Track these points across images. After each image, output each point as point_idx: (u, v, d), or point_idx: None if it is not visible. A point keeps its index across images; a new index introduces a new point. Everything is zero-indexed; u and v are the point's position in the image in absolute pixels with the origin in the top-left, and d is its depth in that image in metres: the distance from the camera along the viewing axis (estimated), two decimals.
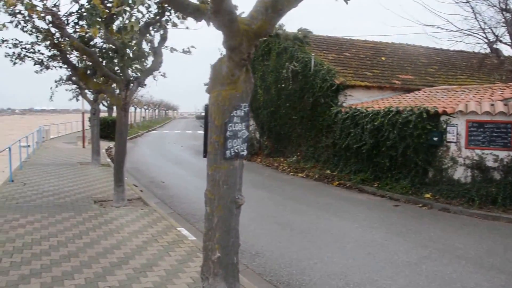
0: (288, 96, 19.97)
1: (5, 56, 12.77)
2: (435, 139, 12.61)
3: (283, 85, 20.02)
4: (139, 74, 11.27)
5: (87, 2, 9.75)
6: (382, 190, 13.50)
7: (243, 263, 7.09)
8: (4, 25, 9.98)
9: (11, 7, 9.63)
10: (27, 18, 10.37)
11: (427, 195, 12.34)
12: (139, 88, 13.04)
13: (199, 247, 7.54)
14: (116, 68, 11.29)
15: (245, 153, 4.50)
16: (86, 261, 6.79)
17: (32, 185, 13.53)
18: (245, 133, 4.48)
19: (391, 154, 13.63)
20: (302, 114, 18.93)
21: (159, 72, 12.35)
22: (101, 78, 13.44)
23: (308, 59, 18.54)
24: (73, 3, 10.08)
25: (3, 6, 9.71)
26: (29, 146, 21.95)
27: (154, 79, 13.52)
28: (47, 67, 14.80)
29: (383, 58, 21.80)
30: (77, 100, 21.99)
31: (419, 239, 8.85)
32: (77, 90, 20.78)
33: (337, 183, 15.19)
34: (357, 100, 17.31)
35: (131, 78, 10.77)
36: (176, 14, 9.91)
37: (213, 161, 4.45)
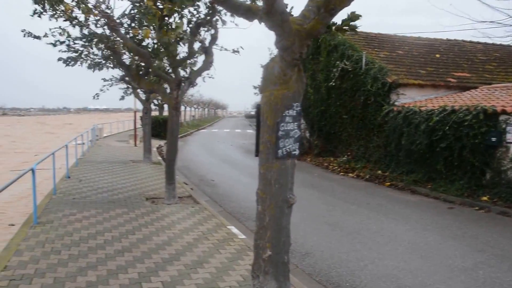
0: (338, 95, 19.79)
1: (58, 61, 13.20)
2: (494, 139, 12.13)
3: (333, 84, 19.84)
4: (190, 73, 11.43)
5: (138, 4, 10.01)
6: (436, 191, 13.15)
7: (293, 262, 7.08)
8: (64, 30, 10.34)
9: (69, 11, 9.95)
10: (82, 22, 10.67)
11: (484, 198, 11.92)
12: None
13: (249, 245, 7.59)
14: (168, 68, 11.52)
15: (297, 152, 4.49)
16: (139, 256, 6.96)
17: (87, 181, 13.97)
18: (297, 133, 4.47)
19: (445, 154, 13.27)
20: (352, 113, 18.71)
21: (208, 73, 12.51)
22: (153, 78, 13.73)
23: (359, 57, 18.31)
24: (127, 4, 10.34)
25: (61, 12, 10.02)
26: (83, 143, 22.62)
27: (204, 81, 13.70)
28: (100, 68, 15.23)
29: (437, 55, 21.22)
30: (123, 98, 22.46)
31: (475, 243, 8.55)
32: (129, 89, 21.29)
33: (388, 183, 14.94)
34: (410, 99, 16.93)
35: (182, 78, 10.93)
36: (228, 14, 9.96)
37: (265, 160, 4.46)
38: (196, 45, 11.20)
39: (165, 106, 38.46)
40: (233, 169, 18.60)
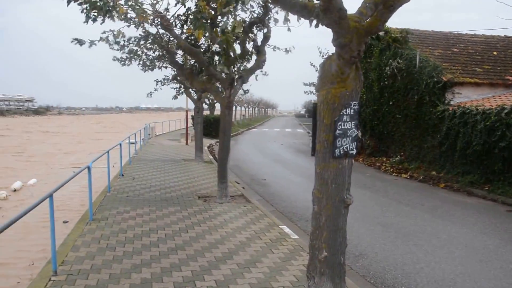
0: (391, 94, 19.41)
1: (114, 60, 13.51)
2: None
3: (386, 83, 19.48)
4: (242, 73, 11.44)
5: (194, 5, 10.09)
6: (494, 193, 12.67)
7: (347, 263, 6.95)
8: (120, 32, 10.55)
9: (123, 14, 10.13)
10: (137, 23, 10.85)
11: None
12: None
13: (302, 245, 7.54)
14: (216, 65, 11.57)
15: (354, 152, 4.41)
16: (192, 254, 7.01)
17: (140, 179, 14.25)
18: (354, 132, 4.39)
19: (504, 155, 12.77)
20: (406, 112, 18.30)
21: (261, 71, 12.48)
22: (206, 77, 13.85)
23: (413, 55, 17.89)
24: (180, 5, 10.44)
25: (116, 14, 10.21)
26: (136, 142, 23.09)
27: (256, 79, 13.70)
28: (153, 68, 15.51)
29: (494, 53, 20.46)
30: (176, 98, 22.76)
31: None
32: (181, 89, 21.58)
33: (443, 185, 14.52)
34: (466, 98, 16.41)
35: (235, 77, 10.97)
36: (283, 12, 9.90)
37: (321, 160, 4.40)
38: (247, 44, 11.22)
39: (217, 105, 38.85)
40: (284, 169, 18.53)
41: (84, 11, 8.91)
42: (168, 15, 10.60)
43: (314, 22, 4.31)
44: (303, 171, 17.93)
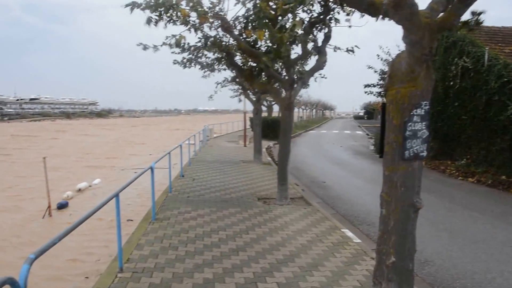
0: (457, 94, 18.69)
1: (174, 63, 13.68)
2: None
3: (451, 83, 18.80)
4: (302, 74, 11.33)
5: (253, 5, 10.07)
6: None
7: None
8: (182, 37, 10.68)
9: (185, 17, 10.24)
10: (197, 26, 10.93)
11: None
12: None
13: (365, 250, 7.35)
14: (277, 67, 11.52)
15: (424, 154, 4.22)
16: (253, 256, 6.97)
17: (200, 180, 14.38)
18: (425, 133, 4.20)
19: None
20: (473, 113, 17.56)
21: (320, 73, 12.33)
22: (266, 79, 13.81)
23: (480, 53, 17.15)
24: (239, 6, 10.45)
25: (178, 16, 10.33)
26: (193, 144, 23.39)
27: (315, 81, 13.53)
28: (212, 70, 15.63)
29: None
30: (240, 101, 22.95)
31: None
32: (239, 90, 21.70)
33: None
34: None
35: (295, 78, 10.86)
36: (347, 11, 9.69)
37: (390, 162, 4.23)
38: (307, 45, 11.08)
39: (274, 107, 38.84)
40: (344, 171, 18.24)
41: (146, 13, 9.08)
42: (226, 16, 10.64)
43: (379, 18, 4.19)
44: (364, 173, 17.59)
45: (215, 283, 5.84)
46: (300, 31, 9.64)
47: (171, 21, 10.24)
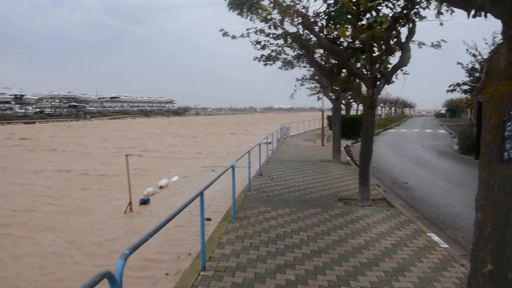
0: None
1: (254, 60, 13.73)
2: None
3: None
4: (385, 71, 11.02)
5: (334, 1, 9.92)
6: None
7: None
8: (261, 31, 10.72)
9: (265, 13, 10.26)
10: (277, 23, 10.90)
11: None
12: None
13: (453, 255, 7.02)
14: (359, 64, 11.27)
15: None
16: (336, 258, 6.84)
17: (278, 179, 14.37)
18: None
19: None
20: None
21: (401, 70, 11.93)
22: (347, 76, 13.58)
23: None
24: (320, 3, 10.33)
25: (260, 13, 10.37)
26: (270, 142, 23.48)
27: (396, 78, 13.11)
28: (292, 67, 15.59)
29: None
30: (318, 98, 22.74)
31: None
32: (319, 88, 21.48)
33: None
34: None
35: (378, 75, 10.58)
36: (436, 5, 9.30)
37: (487, 164, 3.97)
38: (390, 41, 10.76)
39: (353, 105, 38.23)
40: (427, 172, 17.60)
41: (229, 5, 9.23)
42: (307, 13, 10.54)
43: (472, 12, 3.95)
44: (448, 174, 16.90)
45: (297, 285, 5.78)
46: (385, 26, 9.36)
47: (252, 18, 10.32)
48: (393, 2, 9.88)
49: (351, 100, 35.54)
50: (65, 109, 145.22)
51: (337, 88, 17.70)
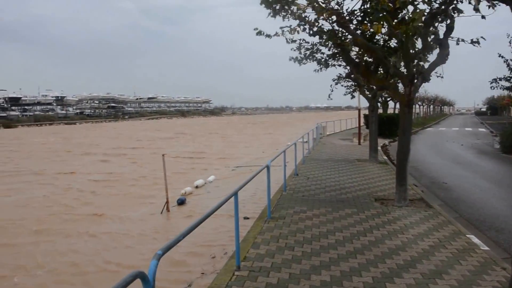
0: None
1: (290, 60, 13.65)
2: None
3: None
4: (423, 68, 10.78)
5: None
6: None
7: None
8: (295, 30, 10.64)
9: (300, 11, 10.17)
10: (312, 21, 10.80)
11: None
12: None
13: (494, 258, 6.80)
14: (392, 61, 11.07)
15: None
16: (372, 259, 6.71)
17: (314, 179, 14.27)
18: None
19: None
20: None
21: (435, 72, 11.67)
22: (383, 74, 13.37)
23: None
24: (357, 1, 10.19)
25: (294, 11, 10.28)
26: (306, 142, 23.36)
27: (436, 76, 12.81)
28: (327, 66, 15.46)
29: None
30: (353, 97, 22.46)
31: None
32: (355, 87, 21.23)
33: None
34: None
35: (415, 73, 10.36)
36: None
37: None
38: (427, 38, 10.52)
39: (390, 103, 37.67)
40: (467, 172, 17.16)
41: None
42: (342, 11, 10.42)
43: None
44: (489, 174, 16.45)
45: (332, 286, 5.69)
46: (420, 23, 9.15)
47: (286, 17, 10.26)
48: None
49: (388, 99, 35.03)
50: (104, 110, 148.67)
51: (373, 86, 17.45)
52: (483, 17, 8.09)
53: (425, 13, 9.68)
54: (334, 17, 10.25)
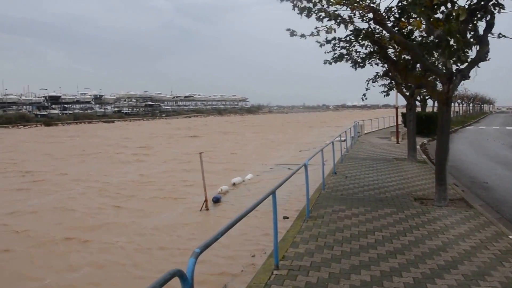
0: None
1: (324, 63, 13.61)
2: None
3: None
4: (461, 66, 10.61)
5: None
6: None
7: None
8: (332, 28, 10.61)
9: (336, 7, 10.10)
10: (347, 20, 10.74)
11: None
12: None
13: None
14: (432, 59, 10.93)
15: None
16: (412, 260, 6.68)
17: (352, 178, 14.22)
18: None
19: None
20: None
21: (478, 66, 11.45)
22: (420, 72, 13.21)
23: None
24: None
25: (327, 10, 10.22)
26: (344, 140, 23.18)
27: (476, 74, 12.58)
28: (363, 66, 15.35)
29: None
30: (387, 95, 22.24)
31: None
32: (392, 85, 21.00)
33: None
34: None
35: (454, 71, 10.21)
36: None
37: None
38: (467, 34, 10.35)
39: (429, 101, 37.05)
40: (509, 171, 16.78)
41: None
42: (378, 8, 10.34)
43: None
44: None
45: (372, 286, 5.70)
46: (462, 18, 9.02)
47: (320, 16, 10.23)
48: None
49: (426, 97, 34.47)
50: (141, 108, 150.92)
51: (411, 84, 17.23)
52: None
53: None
54: (370, 15, 10.20)
